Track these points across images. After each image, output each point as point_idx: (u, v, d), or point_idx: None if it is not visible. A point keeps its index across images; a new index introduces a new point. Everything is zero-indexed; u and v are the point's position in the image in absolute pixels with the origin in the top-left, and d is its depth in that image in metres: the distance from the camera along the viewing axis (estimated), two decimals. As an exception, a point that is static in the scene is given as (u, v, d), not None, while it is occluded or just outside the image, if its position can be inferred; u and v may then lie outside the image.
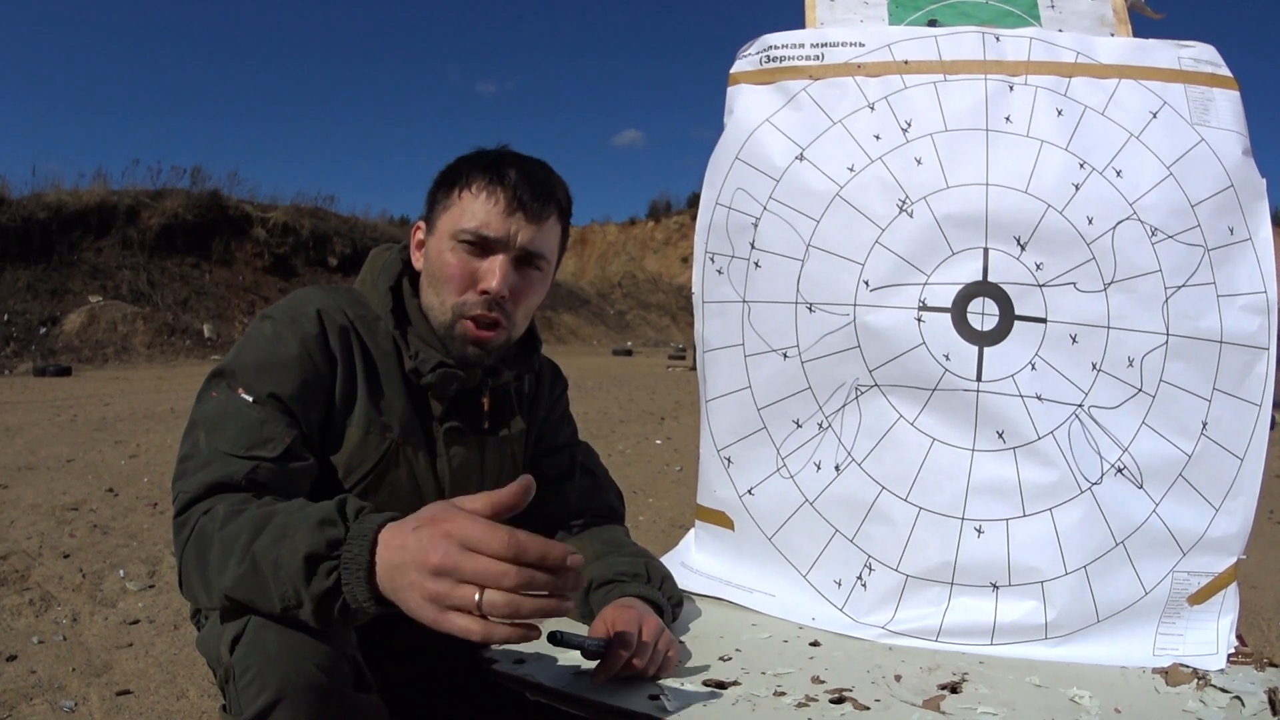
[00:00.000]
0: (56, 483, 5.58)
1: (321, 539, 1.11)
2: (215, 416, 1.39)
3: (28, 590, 3.54)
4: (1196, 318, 1.64)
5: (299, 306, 1.50)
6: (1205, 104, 1.74)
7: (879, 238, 1.73)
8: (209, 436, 1.36)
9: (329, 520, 1.13)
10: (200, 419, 1.40)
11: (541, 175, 1.54)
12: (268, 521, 1.19)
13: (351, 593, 1.09)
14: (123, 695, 2.64)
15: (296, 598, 1.13)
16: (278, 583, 1.13)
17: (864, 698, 1.35)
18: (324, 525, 1.13)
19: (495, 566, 1.00)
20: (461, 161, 1.56)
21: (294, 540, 1.13)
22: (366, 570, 1.08)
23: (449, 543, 1.02)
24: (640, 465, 7.09)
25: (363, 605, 1.09)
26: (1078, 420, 1.63)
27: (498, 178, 1.49)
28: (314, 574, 1.11)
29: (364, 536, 1.10)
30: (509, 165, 1.51)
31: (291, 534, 1.14)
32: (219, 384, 1.43)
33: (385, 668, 1.31)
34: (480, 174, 1.51)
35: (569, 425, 1.84)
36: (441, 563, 1.01)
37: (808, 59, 1.88)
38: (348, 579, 1.09)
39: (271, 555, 1.15)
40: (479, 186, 1.50)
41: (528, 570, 1.01)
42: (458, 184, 1.52)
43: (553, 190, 1.54)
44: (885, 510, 1.69)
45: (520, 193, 1.48)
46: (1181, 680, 1.46)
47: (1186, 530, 1.62)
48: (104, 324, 18.22)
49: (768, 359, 1.82)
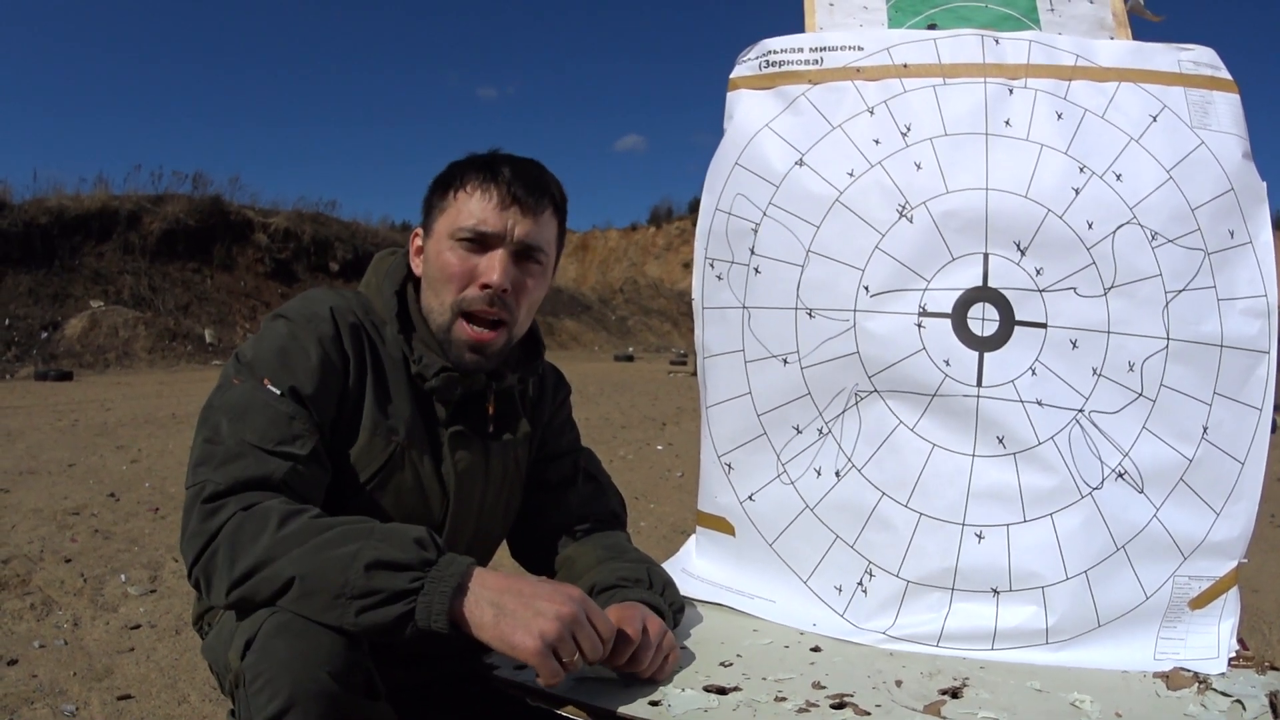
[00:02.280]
0: (58, 487, 5.58)
1: (416, 554, 1.24)
2: (240, 406, 1.39)
3: (29, 595, 3.54)
4: (1197, 322, 1.64)
5: (312, 306, 1.50)
6: (1205, 107, 1.74)
7: (879, 243, 1.73)
8: (234, 425, 1.36)
9: (423, 542, 1.26)
10: (221, 405, 1.40)
11: (534, 171, 1.56)
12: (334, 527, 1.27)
13: (427, 605, 1.21)
14: (124, 700, 2.64)
15: (363, 590, 1.20)
16: (348, 571, 1.21)
17: (865, 703, 1.35)
18: (419, 545, 1.25)
19: (599, 645, 1.27)
20: (454, 165, 1.57)
21: (382, 547, 1.23)
22: (454, 589, 1.22)
23: (578, 606, 1.26)
24: (642, 470, 7.09)
25: (433, 620, 1.21)
26: (1078, 425, 1.63)
27: (491, 175, 1.52)
28: (397, 573, 1.21)
29: (459, 564, 1.25)
30: (502, 163, 1.54)
31: (379, 539, 1.24)
32: (242, 372, 1.43)
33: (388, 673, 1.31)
34: (474, 173, 1.53)
35: (571, 431, 1.84)
36: (572, 617, 1.24)
37: (807, 63, 1.88)
38: (429, 590, 1.21)
39: (349, 547, 1.23)
40: (474, 185, 1.52)
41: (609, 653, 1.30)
42: (452, 185, 1.54)
43: (546, 185, 1.56)
44: (886, 516, 1.69)
45: (514, 188, 1.51)
46: (1182, 684, 1.46)
47: (1187, 535, 1.61)
48: (105, 329, 18.22)
49: (768, 365, 1.82)
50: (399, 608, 1.20)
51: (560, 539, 1.73)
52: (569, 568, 1.68)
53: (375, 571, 1.21)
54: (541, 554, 1.76)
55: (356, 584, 1.20)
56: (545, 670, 1.21)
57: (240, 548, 1.26)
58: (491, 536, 1.71)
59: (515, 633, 1.21)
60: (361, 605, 1.20)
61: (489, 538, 1.70)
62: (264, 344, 1.45)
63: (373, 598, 1.20)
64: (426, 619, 1.20)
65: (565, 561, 1.70)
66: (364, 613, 1.20)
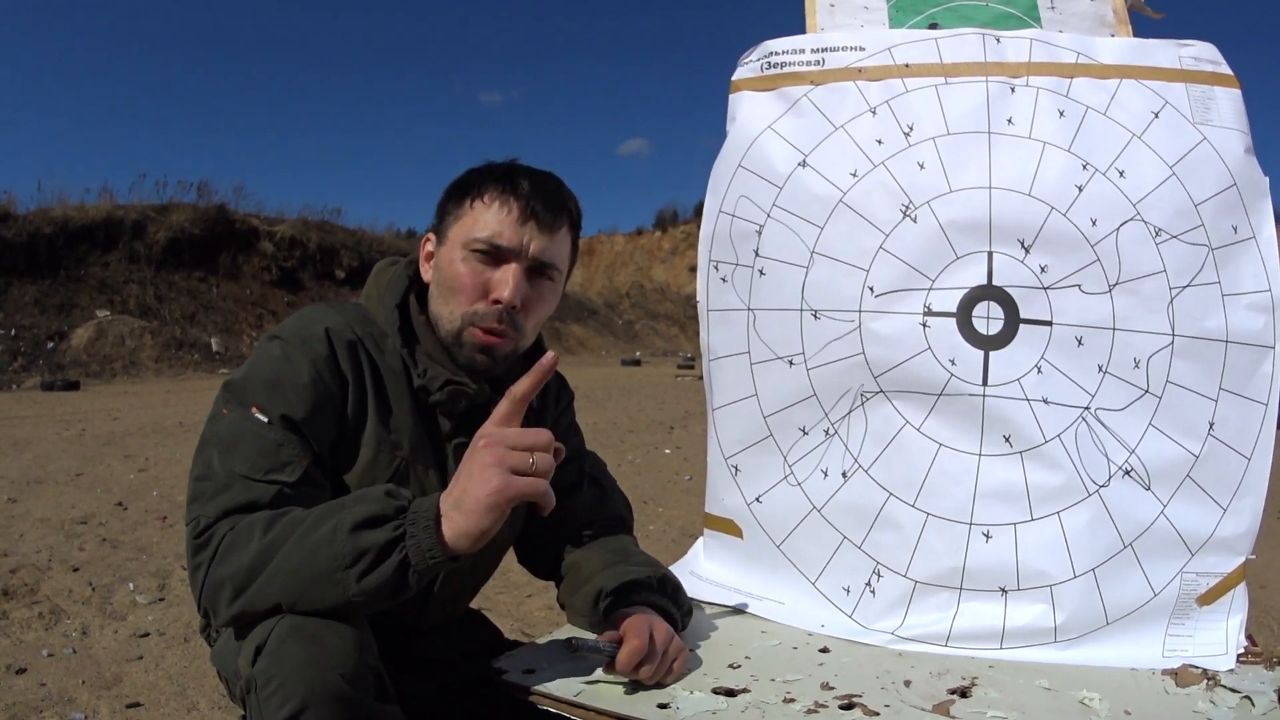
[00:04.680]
0: (65, 496, 5.59)
1: (389, 505, 1.26)
2: (229, 437, 1.39)
3: (37, 604, 3.55)
4: (1202, 318, 1.64)
5: (307, 326, 1.49)
6: (1207, 103, 1.74)
7: (883, 243, 1.73)
8: (223, 458, 1.37)
9: (392, 492, 1.29)
10: (212, 438, 1.40)
11: (553, 186, 1.55)
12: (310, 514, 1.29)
13: (417, 545, 1.23)
14: (133, 708, 2.64)
15: (354, 555, 1.22)
16: (335, 544, 1.22)
17: (873, 703, 1.35)
18: (389, 495, 1.28)
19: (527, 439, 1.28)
20: (473, 172, 1.56)
21: (357, 509, 1.25)
22: (434, 521, 1.24)
23: (494, 436, 1.27)
24: (650, 475, 7.09)
25: (429, 557, 1.23)
26: (1084, 423, 1.63)
27: (511, 187, 1.50)
28: (378, 528, 1.23)
29: (430, 499, 1.27)
30: (521, 176, 1.52)
31: (351, 505, 1.26)
32: (231, 402, 1.43)
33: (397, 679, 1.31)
34: (493, 184, 1.51)
35: (576, 436, 1.84)
36: (498, 447, 1.26)
37: (809, 64, 1.88)
38: (413, 532, 1.23)
39: (329, 524, 1.25)
40: (492, 196, 1.50)
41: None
42: (470, 194, 1.52)
43: (564, 201, 1.55)
44: (893, 516, 1.69)
45: (533, 203, 1.49)
46: (1191, 681, 1.45)
47: (1195, 531, 1.61)
48: (111, 338, 18.27)
49: (773, 366, 1.82)
50: (394, 559, 1.22)
51: (566, 544, 1.73)
52: (575, 573, 1.67)
53: (359, 533, 1.23)
54: (548, 559, 1.75)
55: (345, 552, 1.22)
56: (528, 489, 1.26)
57: (231, 562, 1.28)
58: (498, 545, 1.71)
59: (478, 504, 1.24)
60: (359, 571, 1.22)
61: (495, 546, 1.70)
62: (255, 369, 1.45)
63: (365, 559, 1.22)
64: (421, 559, 1.23)
65: (571, 566, 1.69)
66: (364, 577, 1.22)
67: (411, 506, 1.26)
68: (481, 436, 1.28)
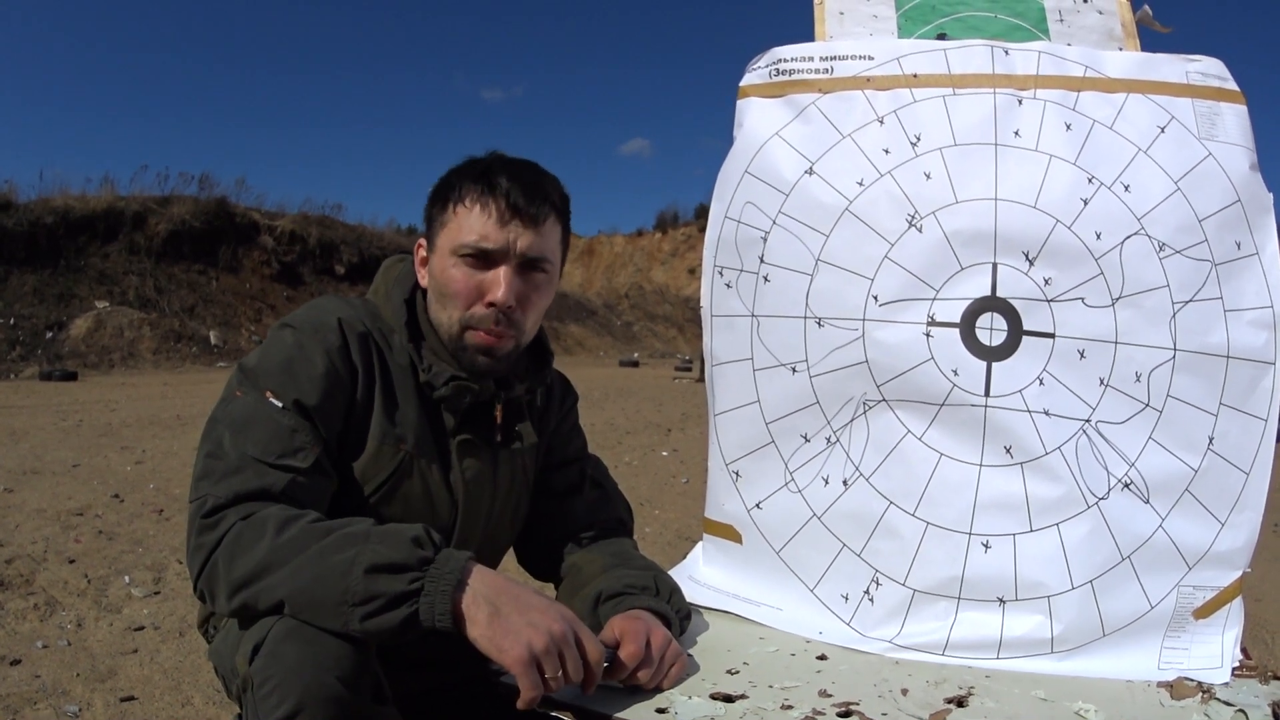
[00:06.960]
0: (62, 487, 5.59)
1: (413, 554, 1.24)
2: (242, 419, 1.39)
3: (32, 595, 3.55)
4: (1204, 333, 1.64)
5: (320, 316, 1.50)
6: (1212, 118, 1.74)
7: (888, 253, 1.73)
8: (235, 438, 1.37)
9: (420, 541, 1.26)
10: (224, 418, 1.40)
11: (532, 178, 1.52)
12: (332, 533, 1.27)
13: (430, 604, 1.21)
14: (127, 701, 2.65)
15: (364, 596, 1.20)
16: (348, 577, 1.21)
17: (871, 711, 1.35)
18: (416, 543, 1.25)
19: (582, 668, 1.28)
20: (452, 174, 1.55)
21: (379, 550, 1.23)
22: (455, 585, 1.23)
23: (569, 626, 1.27)
24: (647, 477, 7.09)
25: (436, 619, 1.21)
26: (1085, 435, 1.63)
27: (489, 188, 1.49)
28: (396, 574, 1.21)
29: (457, 559, 1.26)
30: (498, 173, 1.50)
31: (376, 542, 1.24)
32: (245, 385, 1.43)
33: (394, 678, 1.32)
34: (471, 185, 1.50)
35: (578, 438, 1.84)
36: (562, 636, 1.25)
37: (817, 72, 1.88)
38: (429, 590, 1.22)
39: (348, 553, 1.23)
40: (471, 199, 1.49)
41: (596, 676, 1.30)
42: (450, 199, 1.51)
43: (546, 192, 1.53)
44: (893, 525, 1.69)
45: (514, 199, 1.48)
46: (1186, 694, 1.46)
47: (1192, 545, 1.62)
48: (110, 329, 18.26)
49: (776, 373, 1.82)
50: (403, 611, 1.20)
51: (566, 546, 1.73)
52: (575, 575, 1.68)
53: (375, 576, 1.21)
54: (548, 561, 1.76)
55: (356, 590, 1.20)
56: (526, 682, 1.22)
57: (239, 556, 1.27)
58: (499, 544, 1.71)
59: (505, 637, 1.22)
60: (365, 612, 1.20)
61: (496, 545, 1.70)
62: (269, 355, 1.45)
63: (375, 603, 1.20)
64: (430, 618, 1.21)
65: (571, 568, 1.70)
66: (368, 619, 1.20)
67: (437, 560, 1.24)
68: (568, 619, 1.29)
